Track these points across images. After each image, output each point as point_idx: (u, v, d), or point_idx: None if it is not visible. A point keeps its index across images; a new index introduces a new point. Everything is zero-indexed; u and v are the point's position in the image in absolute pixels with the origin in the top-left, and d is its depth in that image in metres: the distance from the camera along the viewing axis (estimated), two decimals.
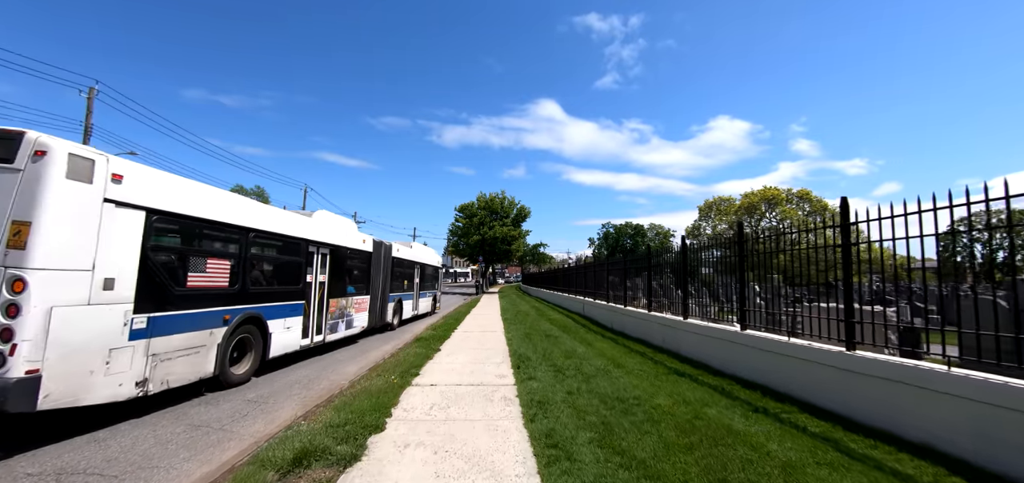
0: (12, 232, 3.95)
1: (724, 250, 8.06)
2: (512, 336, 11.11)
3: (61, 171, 4.17)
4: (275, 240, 7.76)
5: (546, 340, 10.45)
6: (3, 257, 3.90)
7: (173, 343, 5.38)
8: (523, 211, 51.46)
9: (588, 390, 5.75)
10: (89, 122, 23.07)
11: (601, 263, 17.05)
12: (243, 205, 6.98)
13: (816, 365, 5.18)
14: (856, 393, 4.65)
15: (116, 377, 4.65)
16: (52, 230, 4.07)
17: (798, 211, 29.45)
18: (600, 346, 9.61)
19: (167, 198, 5.38)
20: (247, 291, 6.79)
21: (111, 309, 4.60)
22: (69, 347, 4.17)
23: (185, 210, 5.66)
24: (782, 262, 6.75)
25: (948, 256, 28.46)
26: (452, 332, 12.11)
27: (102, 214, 4.53)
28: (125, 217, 4.79)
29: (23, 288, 3.87)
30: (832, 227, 5.41)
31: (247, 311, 6.73)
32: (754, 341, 6.35)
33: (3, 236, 3.94)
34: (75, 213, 4.29)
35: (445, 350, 9.17)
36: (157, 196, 5.23)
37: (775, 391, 5.67)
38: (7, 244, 3.92)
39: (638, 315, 11.25)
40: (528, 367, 7.19)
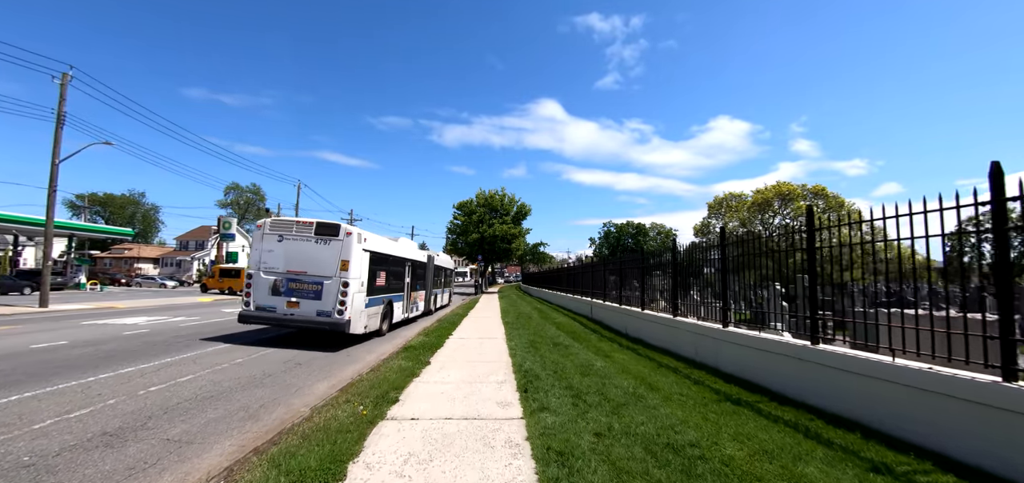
0: (342, 265, 9.75)
1: (779, 242, 6.54)
2: (515, 344, 9.61)
3: (353, 240, 9.94)
4: (395, 261, 13.28)
5: (555, 350, 8.95)
6: (339, 274, 9.73)
7: (371, 310, 10.93)
8: (523, 209, 49.93)
9: (623, 429, 4.25)
10: (61, 110, 21.52)
11: (612, 261, 15.54)
12: (388, 242, 12.91)
13: (966, 403, 3.67)
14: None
15: (363, 323, 10.39)
16: (352, 263, 9.85)
17: (813, 207, 28.01)
18: (620, 359, 8.11)
19: (374, 245, 11.28)
20: (389, 287, 12.57)
21: (362, 295, 10.25)
22: (356, 310, 9.89)
23: (378, 250, 11.55)
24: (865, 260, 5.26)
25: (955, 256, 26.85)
26: (446, 338, 10.60)
27: (361, 255, 10.28)
28: (365, 256, 10.48)
29: (347, 287, 9.61)
30: None
31: (388, 297, 12.51)
32: (835, 360, 4.85)
33: (338, 266, 9.76)
34: (356, 256, 10.01)
35: (436, 363, 7.66)
36: (372, 245, 11.06)
37: (882, 433, 4.17)
38: (340, 269, 9.74)
39: (660, 321, 9.74)
40: (538, 390, 5.68)
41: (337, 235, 10.03)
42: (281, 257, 10.11)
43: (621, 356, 8.38)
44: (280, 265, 10.08)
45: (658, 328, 9.82)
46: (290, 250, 10.11)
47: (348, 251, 9.90)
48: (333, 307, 9.67)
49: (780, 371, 5.69)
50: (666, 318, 9.46)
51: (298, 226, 10.32)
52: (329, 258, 9.92)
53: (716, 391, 5.76)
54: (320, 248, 10.03)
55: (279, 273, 10.05)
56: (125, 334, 10.86)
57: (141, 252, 67.53)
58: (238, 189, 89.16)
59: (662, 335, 9.57)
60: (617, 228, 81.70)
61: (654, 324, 10.10)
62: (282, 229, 10.31)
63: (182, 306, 20.10)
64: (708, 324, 7.76)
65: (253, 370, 7.55)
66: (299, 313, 9.82)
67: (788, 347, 5.55)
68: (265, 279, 10.08)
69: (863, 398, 4.47)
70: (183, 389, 6.23)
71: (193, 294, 33.16)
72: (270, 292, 9.99)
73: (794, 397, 5.32)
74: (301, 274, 9.96)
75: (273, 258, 10.14)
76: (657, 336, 9.83)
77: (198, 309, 18.76)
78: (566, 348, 9.14)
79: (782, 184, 28.88)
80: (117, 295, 30.72)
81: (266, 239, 10.23)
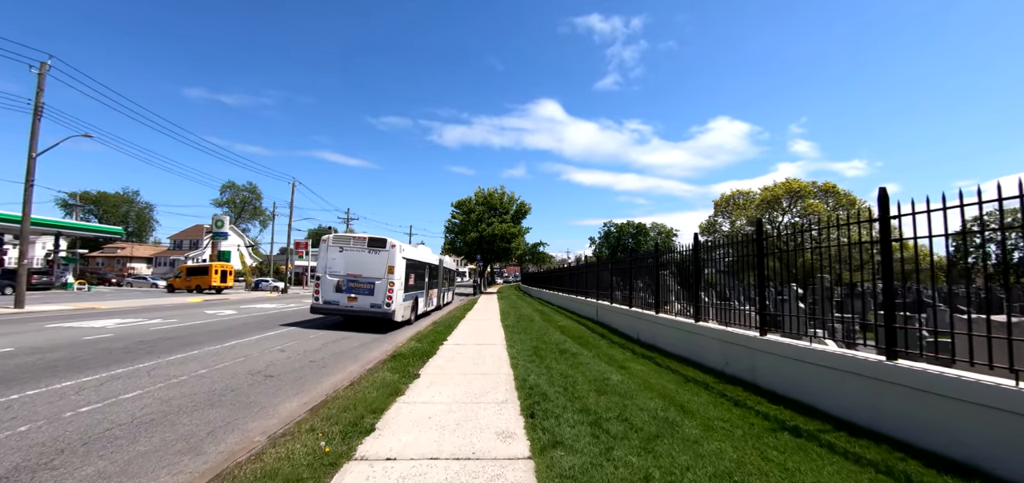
0: (388, 269, 12.78)
1: (826, 236, 5.51)
2: (517, 352, 8.58)
3: (396, 250, 13.03)
4: (420, 266, 16.29)
5: (562, 359, 7.92)
6: (386, 276, 12.75)
7: (406, 303, 13.94)
8: (523, 207, 48.82)
9: (664, 477, 3.23)
10: (39, 101, 20.40)
11: (619, 260, 14.49)
12: (416, 251, 16.59)
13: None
14: None
15: (402, 313, 13.33)
16: (396, 268, 12.87)
17: (823, 205, 26.99)
18: (638, 371, 7.07)
19: (409, 254, 14.49)
20: (416, 286, 15.43)
21: (402, 292, 13.18)
22: (399, 303, 12.98)
23: (411, 257, 14.69)
24: None
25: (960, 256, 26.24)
26: (440, 345, 9.57)
27: (401, 262, 13.14)
28: (403, 262, 13.36)
29: (392, 287, 12.69)
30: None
31: (416, 294, 15.41)
32: (930, 383, 3.82)
33: (386, 270, 12.76)
34: (398, 263, 12.95)
35: (426, 376, 6.62)
36: (407, 254, 14.23)
37: None
38: (387, 272, 12.77)
39: (678, 326, 8.72)
40: (547, 414, 4.65)
41: (384, 247, 13.13)
42: (342, 264, 13.07)
43: (638, 367, 7.35)
44: (341, 270, 13.05)
45: (676, 334, 8.79)
46: (349, 258, 13.11)
47: (392, 259, 12.97)
48: (383, 301, 12.78)
49: (844, 392, 4.66)
50: (685, 323, 8.44)
51: (355, 240, 13.37)
52: (379, 264, 12.92)
53: (763, 415, 4.74)
54: (372, 257, 13.04)
55: (341, 275, 13.03)
56: (84, 339, 9.81)
57: (134, 251, 66.37)
58: (234, 188, 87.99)
59: (681, 342, 8.54)
60: (617, 228, 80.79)
61: (671, 329, 9.08)
62: (342, 242, 13.37)
63: (165, 307, 19.04)
64: (740, 331, 6.74)
65: (215, 383, 6.52)
66: (357, 306, 12.86)
67: (858, 364, 4.51)
68: (330, 280, 13.05)
69: (980, 435, 3.44)
70: (121, 410, 5.19)
71: (182, 294, 32.07)
72: (334, 290, 12.98)
73: (866, 426, 4.30)
74: (358, 277, 12.95)
75: (336, 264, 13.09)
76: (675, 343, 8.81)
77: (181, 310, 17.70)
78: (574, 357, 8.11)
79: (791, 181, 27.86)
80: (104, 295, 29.63)
81: (330, 250, 13.22)
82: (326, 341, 10.81)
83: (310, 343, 10.39)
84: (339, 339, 11.17)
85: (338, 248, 13.21)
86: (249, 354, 8.76)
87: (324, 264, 13.14)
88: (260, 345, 9.88)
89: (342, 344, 10.45)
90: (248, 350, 9.21)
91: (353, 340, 11.11)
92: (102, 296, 27.97)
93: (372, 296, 12.76)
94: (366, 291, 12.83)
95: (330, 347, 9.99)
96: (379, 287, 12.79)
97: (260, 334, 11.52)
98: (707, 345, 7.56)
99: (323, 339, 11.10)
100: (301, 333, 11.99)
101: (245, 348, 9.43)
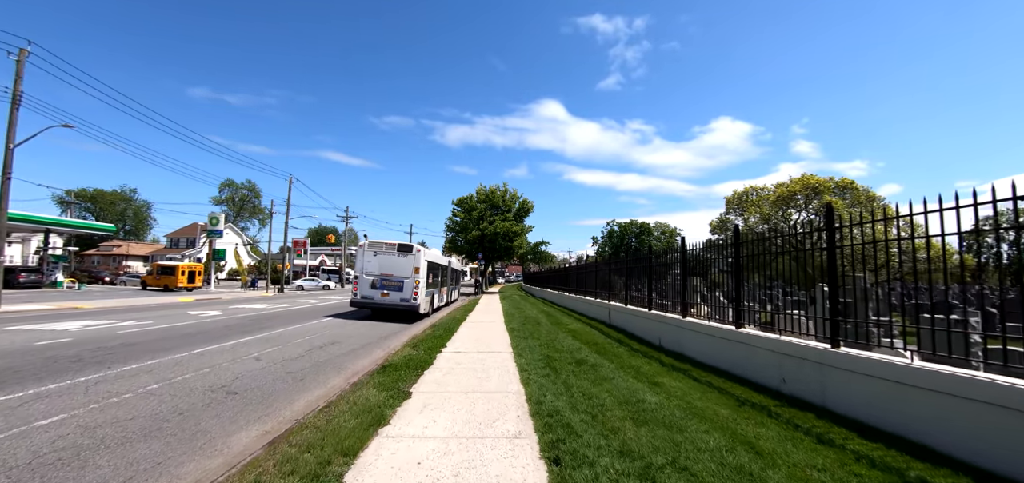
0: (414, 270, 15.34)
1: None
2: (527, 363, 7.39)
3: (421, 254, 15.79)
4: (437, 268, 19.10)
5: (580, 372, 6.73)
6: (413, 276, 15.29)
7: (427, 298, 16.60)
8: (526, 205, 47.53)
9: None
10: (17, 89, 19.25)
11: (638, 257, 13.25)
12: (434, 255, 19.52)
13: None
14: None
15: (424, 307, 16.02)
16: (421, 269, 15.49)
17: (841, 201, 25.72)
18: (675, 388, 5.88)
19: (429, 257, 17.17)
20: (434, 284, 18.02)
21: (424, 289, 15.78)
22: (422, 299, 15.58)
23: (430, 260, 17.44)
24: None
25: None
26: (438, 353, 8.39)
27: (424, 264, 15.74)
28: (425, 264, 15.88)
29: (417, 284, 15.22)
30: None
31: (433, 291, 17.87)
32: None
33: (412, 271, 15.33)
34: (422, 264, 15.58)
35: (419, 395, 5.44)
36: (429, 257, 16.98)
37: None
38: (413, 273, 15.34)
39: (714, 333, 7.52)
40: (577, 457, 3.47)
41: (411, 252, 15.81)
42: (376, 265, 15.53)
43: (673, 383, 6.16)
44: (376, 270, 15.48)
45: (711, 343, 7.59)
46: (382, 261, 15.56)
47: (418, 261, 15.51)
48: (410, 296, 15.24)
49: (977, 428, 3.47)
50: (722, 329, 7.23)
51: (386, 246, 15.93)
52: (407, 266, 15.45)
53: (867, 459, 3.55)
54: (401, 259, 15.56)
55: (375, 275, 15.47)
56: (36, 345, 8.65)
57: (130, 250, 65.36)
58: (233, 186, 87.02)
59: (717, 352, 7.35)
60: (620, 227, 79.55)
61: (703, 337, 7.88)
62: (376, 247, 15.85)
63: (147, 307, 17.89)
64: (801, 342, 5.53)
65: (163, 403, 5.36)
66: (388, 300, 15.28)
67: (1005, 393, 3.32)
68: (367, 279, 15.51)
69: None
70: (21, 446, 4.02)
71: (173, 294, 30.94)
72: (370, 287, 15.42)
73: (981, 464, 3.12)
74: (389, 276, 15.39)
75: (371, 266, 15.54)
76: (709, 352, 7.61)
77: (163, 311, 16.55)
78: (594, 369, 6.92)
79: (807, 176, 26.56)
80: (93, 294, 28.57)
81: (366, 254, 15.76)
82: (311, 347, 9.65)
83: (292, 349, 9.23)
84: (326, 345, 10.00)
85: (373, 252, 15.71)
86: (218, 364, 7.60)
87: (361, 266, 15.68)
88: (235, 352, 8.72)
89: (328, 352, 9.29)
90: (219, 358, 8.05)
91: (341, 346, 9.95)
92: (90, 295, 26.87)
93: (401, 292, 15.29)
94: (396, 288, 15.34)
95: (314, 354, 8.82)
96: (407, 285, 15.35)
97: (239, 339, 10.37)
98: (753, 357, 6.37)
99: (308, 344, 9.94)
100: (285, 337, 10.84)
101: (216, 356, 8.26)
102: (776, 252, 6.46)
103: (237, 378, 6.72)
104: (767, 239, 6.62)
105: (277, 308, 19.49)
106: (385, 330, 13.10)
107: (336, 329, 12.90)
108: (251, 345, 9.55)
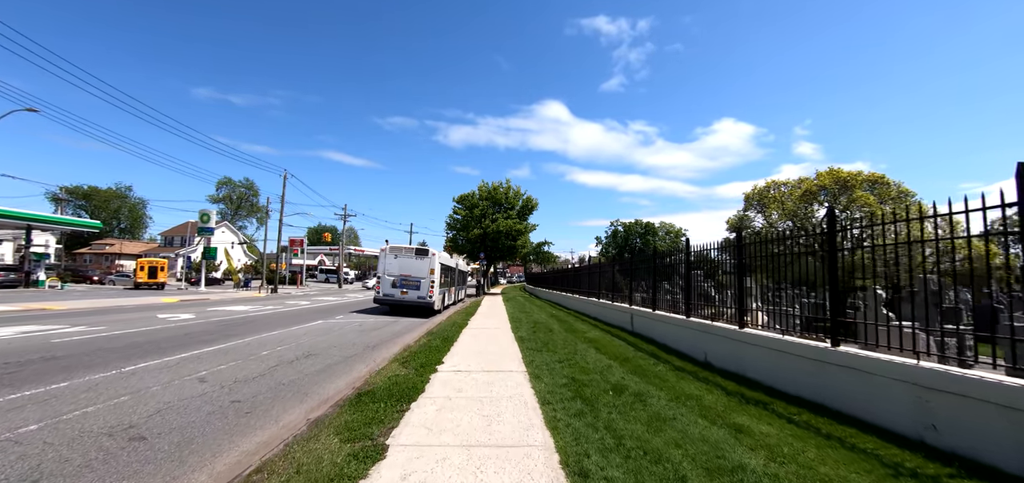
0: (430, 271, 17.41)
1: None
2: (548, 389, 5.61)
3: (436, 257, 17.83)
4: (448, 269, 21.43)
5: (625, 407, 4.95)
6: (428, 276, 17.35)
7: (440, 296, 18.64)
8: (530, 202, 45.65)
9: None
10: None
11: (670, 254, 11.38)
12: (446, 257, 21.62)
13: None
14: None
15: (438, 304, 18.00)
16: (436, 269, 17.58)
17: (871, 197, 23.88)
18: (772, 438, 4.08)
19: (442, 260, 19.20)
20: (445, 283, 20.06)
21: (438, 288, 17.83)
22: (437, 297, 17.78)
23: (443, 263, 19.44)
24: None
25: None
26: (433, 371, 6.62)
27: (438, 266, 17.78)
28: (438, 266, 17.97)
29: (433, 283, 17.30)
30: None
31: (444, 290, 19.83)
32: None
33: (428, 272, 17.39)
34: (437, 266, 17.71)
35: (399, 450, 3.67)
36: (442, 260, 19.05)
37: None
38: (429, 274, 17.36)
39: (794, 349, 5.74)
40: None
41: (427, 255, 17.66)
42: (396, 267, 17.33)
43: (762, 427, 4.37)
44: (396, 271, 17.26)
45: (790, 364, 5.81)
46: (402, 263, 17.37)
47: (433, 263, 17.33)
48: (426, 294, 17.06)
49: None
50: (811, 348, 5.45)
51: (405, 249, 18.21)
52: (423, 267, 17.32)
53: None
54: (418, 261, 17.43)
55: (396, 275, 17.26)
56: None
57: (123, 248, 63.74)
58: (231, 184, 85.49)
59: (800, 376, 5.56)
60: (625, 227, 77.83)
61: (776, 355, 6.09)
62: (396, 251, 17.80)
63: (117, 309, 16.12)
64: (971, 375, 3.74)
65: (26, 458, 3.62)
66: (407, 298, 17.10)
67: None
68: (388, 279, 17.28)
69: None
70: None
71: (162, 294, 29.21)
72: (391, 286, 17.20)
73: None
74: (408, 277, 17.18)
75: (392, 267, 17.33)
76: (786, 377, 5.83)
77: (130, 315, 14.78)
78: (641, 401, 5.14)
79: (835, 169, 24.72)
80: (72, 294, 26.91)
81: (387, 256, 17.56)
82: (279, 361, 7.89)
83: (252, 366, 7.46)
84: (298, 358, 8.25)
85: (393, 255, 17.68)
86: (145, 389, 5.83)
87: (383, 267, 17.59)
88: (180, 369, 6.97)
89: (298, 368, 7.52)
90: (153, 380, 6.29)
91: (317, 360, 8.18)
92: (69, 295, 25.20)
93: (419, 291, 17.17)
94: (414, 287, 17.21)
95: (278, 373, 7.06)
96: (424, 284, 17.22)
97: (196, 349, 8.62)
98: (868, 389, 4.58)
99: (277, 358, 8.18)
100: (251, 347, 9.08)
101: (152, 375, 6.51)
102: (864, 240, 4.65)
103: (159, 412, 4.96)
104: (877, 223, 4.83)
105: (260, 311, 17.74)
106: (374, 338, 11.34)
107: (318, 337, 11.14)
108: (204, 359, 7.79)
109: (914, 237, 4.57)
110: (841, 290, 5.48)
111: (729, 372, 6.97)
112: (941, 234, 4.21)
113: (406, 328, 13.74)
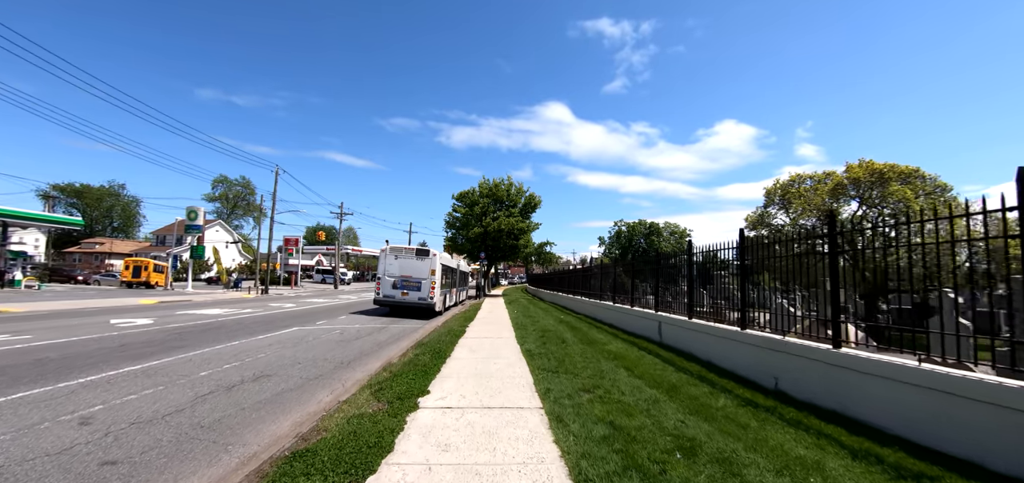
0: (431, 272, 17.12)
1: None
2: (582, 445, 3.73)
3: (437, 258, 17.50)
4: (450, 270, 21.00)
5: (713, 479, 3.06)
6: (429, 277, 17.03)
7: (442, 297, 18.36)
8: (532, 199, 43.60)
9: None
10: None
11: (730, 249, 9.30)
12: (447, 258, 21.32)
13: None
14: None
15: (439, 305, 17.74)
16: (437, 270, 17.30)
17: (908, 191, 21.94)
18: None
19: (444, 261, 18.94)
20: (447, 284, 19.83)
21: (439, 289, 17.61)
22: (438, 298, 17.43)
23: (444, 263, 19.12)
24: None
25: None
26: (412, 410, 4.73)
27: (439, 267, 17.51)
28: (440, 266, 17.72)
29: (434, 284, 17.00)
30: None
31: (446, 291, 19.43)
32: None
33: (429, 272, 17.09)
34: (438, 267, 17.36)
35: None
36: (443, 260, 18.72)
37: None
38: (430, 274, 17.07)
39: (944, 385, 3.84)
40: None
41: (428, 255, 17.64)
42: (397, 268, 17.36)
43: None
44: (397, 272, 17.30)
45: (933, 404, 3.92)
46: (403, 264, 17.41)
47: (434, 264, 17.36)
48: (427, 295, 17.07)
49: None
50: (987, 384, 3.56)
51: (406, 250, 18.13)
52: (424, 268, 17.35)
53: None
54: (419, 262, 17.44)
55: (396, 277, 17.29)
56: None
57: (113, 247, 61.89)
58: (226, 182, 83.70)
59: (968, 428, 3.68)
60: (629, 227, 75.86)
61: (911, 391, 4.19)
62: (397, 251, 17.72)
63: (76, 313, 14.26)
64: None
65: None
66: (408, 299, 17.12)
67: None
68: (388, 279, 17.29)
69: None
70: None
71: (150, 294, 27.35)
72: (392, 287, 17.19)
73: None
74: (409, 277, 17.24)
75: (392, 268, 17.34)
76: (933, 425, 3.94)
77: (83, 319, 12.90)
78: (737, 477, 3.26)
79: (866, 162, 22.80)
80: (49, 295, 25.16)
81: (388, 257, 17.51)
82: (216, 386, 5.99)
83: (176, 395, 5.55)
84: (243, 383, 6.34)
85: (394, 256, 17.41)
86: (55, 415, 3.95)
87: (383, 268, 17.30)
88: (66, 402, 5.08)
89: (236, 396, 5.62)
90: (12, 422, 4.41)
91: (266, 385, 6.28)
92: (41, 296, 23.42)
93: (419, 291, 16.89)
94: (415, 288, 16.96)
95: (204, 406, 5.16)
96: (425, 285, 16.96)
97: (118, 369, 6.74)
98: None
99: (214, 382, 6.28)
100: (193, 364, 7.18)
101: (24, 410, 4.63)
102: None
103: (68, 448, 3.09)
104: None
105: (235, 314, 15.86)
106: (353, 351, 9.46)
107: (285, 349, 9.27)
108: (115, 385, 5.89)
109: None
110: None
111: (821, 409, 5.07)
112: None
113: (395, 336, 11.85)
